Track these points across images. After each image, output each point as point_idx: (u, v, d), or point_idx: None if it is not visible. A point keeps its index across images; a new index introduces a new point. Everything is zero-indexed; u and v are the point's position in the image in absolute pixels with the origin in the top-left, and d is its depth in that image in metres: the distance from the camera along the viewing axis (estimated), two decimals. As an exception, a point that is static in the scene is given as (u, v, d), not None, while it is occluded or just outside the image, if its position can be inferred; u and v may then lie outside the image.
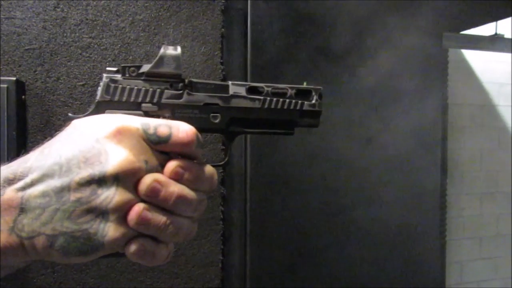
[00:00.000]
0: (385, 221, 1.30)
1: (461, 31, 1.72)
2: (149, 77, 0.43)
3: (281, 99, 0.49)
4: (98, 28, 1.00)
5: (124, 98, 0.43)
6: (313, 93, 0.50)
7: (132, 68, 0.43)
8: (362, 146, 1.27)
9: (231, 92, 0.47)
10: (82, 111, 0.98)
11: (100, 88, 0.43)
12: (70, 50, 0.98)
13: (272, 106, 0.48)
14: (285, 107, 0.49)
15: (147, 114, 0.43)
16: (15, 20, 0.94)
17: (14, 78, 0.91)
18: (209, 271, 1.10)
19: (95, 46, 1.00)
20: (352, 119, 1.26)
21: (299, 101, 0.49)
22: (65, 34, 0.98)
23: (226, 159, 0.49)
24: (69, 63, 0.98)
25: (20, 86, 0.93)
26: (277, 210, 1.18)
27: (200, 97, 0.45)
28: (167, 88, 0.44)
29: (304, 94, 0.50)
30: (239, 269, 1.16)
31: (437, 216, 1.40)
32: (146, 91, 0.43)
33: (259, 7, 1.14)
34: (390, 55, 1.30)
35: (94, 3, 1.00)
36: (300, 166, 1.20)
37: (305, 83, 0.51)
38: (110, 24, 1.01)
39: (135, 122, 0.38)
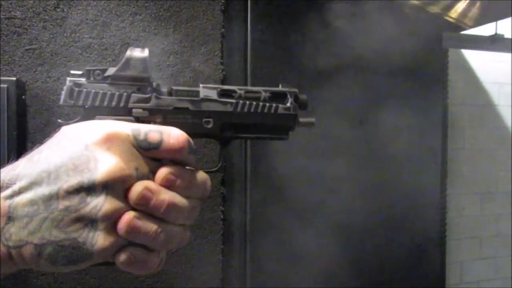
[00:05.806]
0: (385, 221, 1.30)
1: (461, 31, 1.72)
2: (115, 80, 0.42)
3: (254, 103, 0.46)
4: (98, 28, 1.00)
5: (89, 103, 0.41)
6: (288, 96, 0.47)
7: (97, 71, 0.42)
8: (363, 146, 1.27)
9: (201, 95, 0.45)
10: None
11: (63, 93, 0.41)
12: (70, 50, 0.98)
13: (245, 110, 0.46)
14: (259, 110, 0.46)
15: (138, 119, 0.42)
16: (15, 20, 0.94)
17: (14, 78, 0.91)
18: (209, 271, 1.10)
19: (95, 46, 1.00)
20: (352, 118, 1.26)
21: (273, 105, 0.47)
22: (65, 34, 0.98)
23: (219, 165, 0.48)
24: (69, 63, 0.98)
25: (20, 86, 0.93)
26: (277, 210, 1.18)
27: (169, 100, 0.43)
28: (134, 92, 0.42)
29: (279, 96, 0.47)
30: (239, 269, 1.16)
31: (437, 216, 1.40)
32: (112, 95, 0.41)
33: (259, 7, 1.14)
34: (391, 55, 1.30)
35: (94, 3, 0.99)
36: (300, 166, 1.20)
37: (280, 86, 0.49)
38: (110, 24, 1.01)
39: (125, 128, 0.37)
